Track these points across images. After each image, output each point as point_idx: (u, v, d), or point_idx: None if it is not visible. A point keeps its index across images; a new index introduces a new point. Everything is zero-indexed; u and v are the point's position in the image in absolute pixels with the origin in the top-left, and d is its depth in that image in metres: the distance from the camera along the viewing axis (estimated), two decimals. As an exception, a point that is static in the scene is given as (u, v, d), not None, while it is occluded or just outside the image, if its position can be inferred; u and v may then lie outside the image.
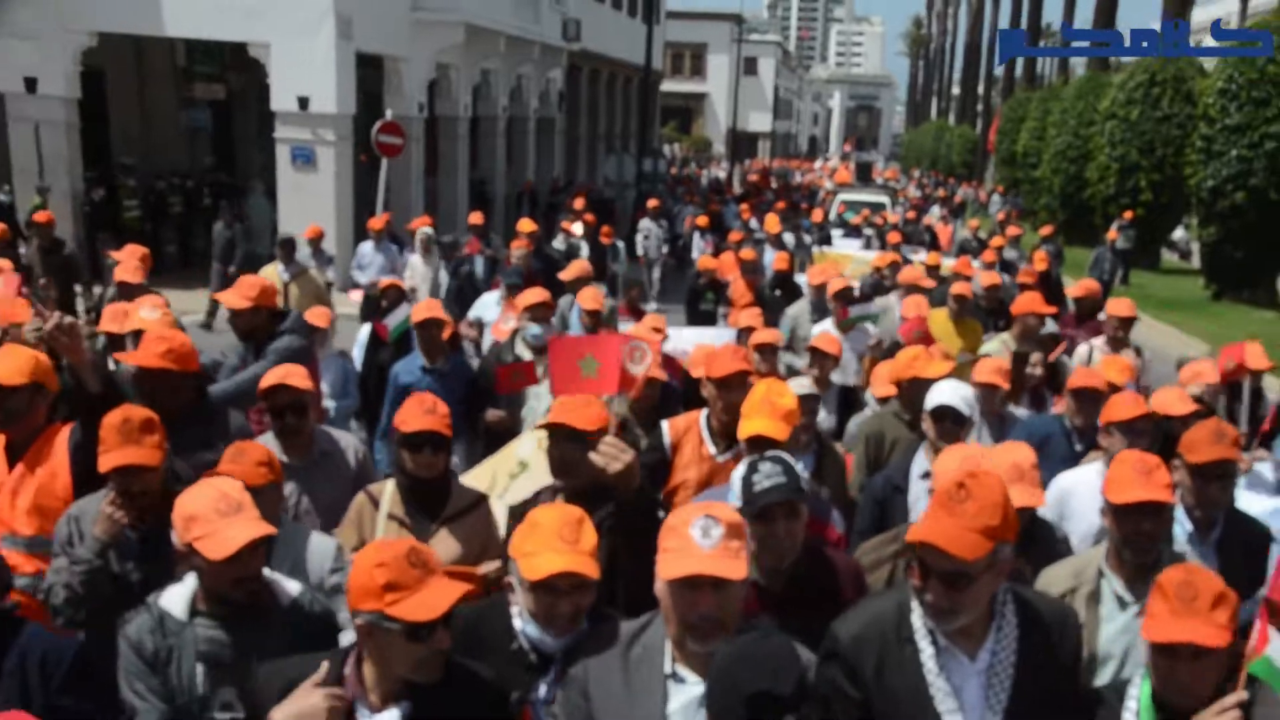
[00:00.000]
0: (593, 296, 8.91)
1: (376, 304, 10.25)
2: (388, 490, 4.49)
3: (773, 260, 13.76)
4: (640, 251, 20.33)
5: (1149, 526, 3.66)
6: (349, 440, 5.31)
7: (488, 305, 10.22)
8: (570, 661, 3.13)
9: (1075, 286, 10.92)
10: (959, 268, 12.48)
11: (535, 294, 7.82)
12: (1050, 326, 8.76)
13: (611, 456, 3.88)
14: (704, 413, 5.16)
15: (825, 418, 6.88)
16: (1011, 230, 20.21)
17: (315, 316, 8.00)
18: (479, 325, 9.72)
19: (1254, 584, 2.93)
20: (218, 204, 23.18)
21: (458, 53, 24.27)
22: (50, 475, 4.50)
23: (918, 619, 3.00)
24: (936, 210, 34.00)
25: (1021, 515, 3.96)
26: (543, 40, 29.60)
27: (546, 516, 3.22)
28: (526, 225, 13.70)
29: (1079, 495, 4.75)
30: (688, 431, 5.12)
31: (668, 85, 62.55)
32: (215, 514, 3.22)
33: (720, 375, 5.02)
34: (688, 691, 2.92)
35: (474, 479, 5.18)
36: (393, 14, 21.77)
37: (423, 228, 14.00)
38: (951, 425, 5.10)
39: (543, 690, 3.15)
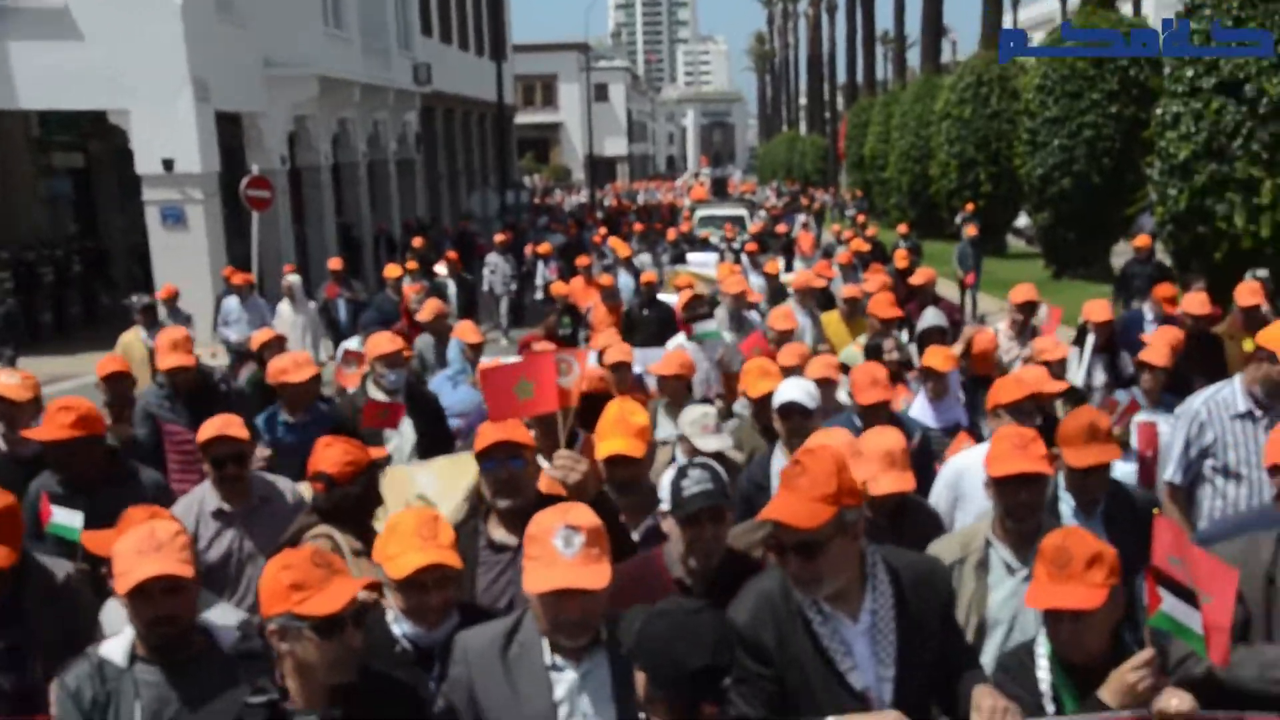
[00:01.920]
0: (471, 329, 9.07)
1: (247, 358, 10.01)
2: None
3: (632, 282, 13.90)
4: (486, 286, 20.41)
5: (1026, 496, 3.82)
6: (285, 484, 5.27)
7: (347, 348, 9.87)
8: (449, 654, 3.25)
9: (916, 274, 11.61)
10: (819, 270, 12.82)
11: (386, 341, 7.56)
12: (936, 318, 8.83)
13: (568, 468, 4.05)
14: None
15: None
16: (870, 231, 21.37)
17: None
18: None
19: (1146, 553, 3.05)
20: (88, 271, 23.31)
21: (314, 105, 24.75)
22: None
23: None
24: (800, 218, 34.94)
25: (890, 499, 4.33)
26: (395, 86, 30.27)
27: (404, 519, 3.37)
28: (393, 270, 13.97)
29: (970, 477, 4.78)
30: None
31: (522, 117, 63.13)
32: (134, 552, 3.19)
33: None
34: (568, 678, 3.07)
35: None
36: (247, 72, 22.19)
37: (288, 276, 14.16)
38: (799, 419, 5.30)
39: (433, 685, 3.28)
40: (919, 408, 6.65)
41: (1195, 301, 8.49)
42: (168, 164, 19.88)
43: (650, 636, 2.71)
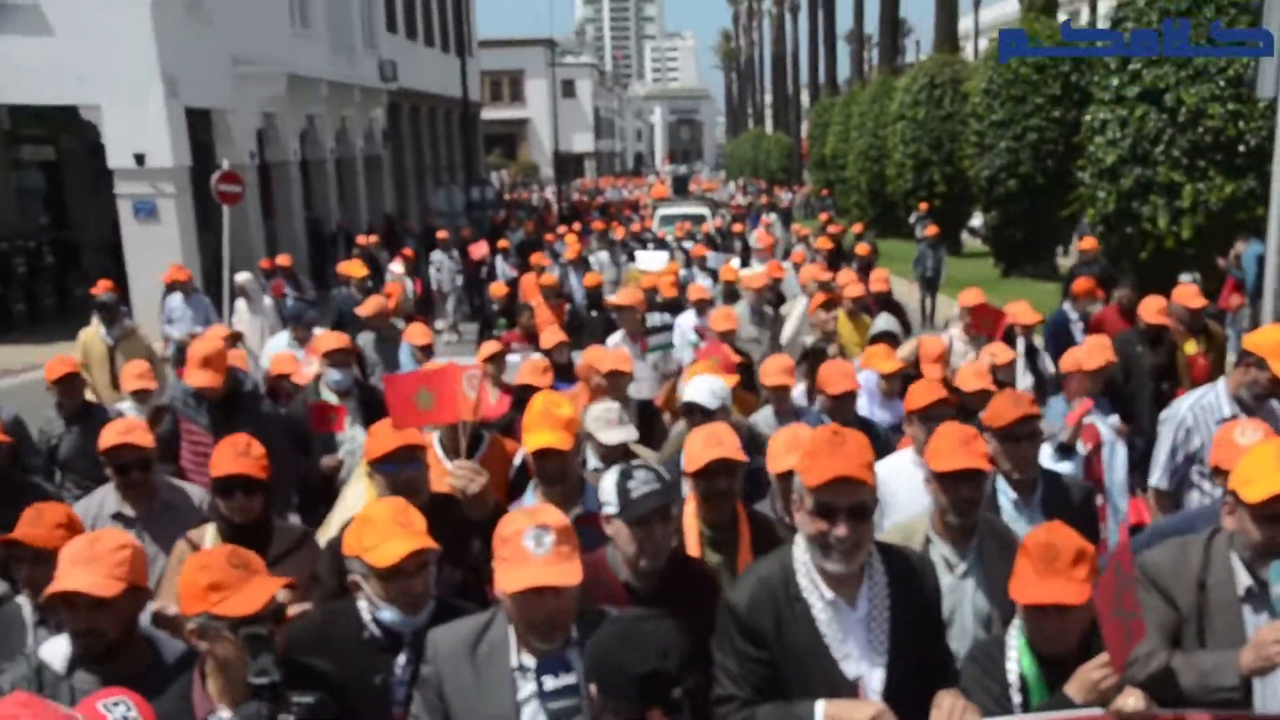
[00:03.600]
0: (421, 331, 9.14)
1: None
2: (208, 535, 4.43)
3: (580, 282, 14.10)
4: (434, 285, 20.38)
5: (968, 492, 3.88)
6: (194, 490, 5.23)
7: (278, 346, 10.04)
8: (421, 638, 3.28)
9: (871, 277, 11.47)
10: (770, 270, 12.55)
11: (333, 339, 7.58)
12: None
13: (467, 479, 4.13)
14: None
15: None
16: (832, 229, 21.98)
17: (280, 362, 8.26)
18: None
19: (1086, 537, 3.17)
20: (60, 263, 23.74)
21: (282, 102, 25.30)
22: None
23: (803, 577, 3.18)
24: (765, 218, 34.69)
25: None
26: (361, 83, 30.86)
27: (376, 510, 3.42)
28: (357, 269, 13.92)
29: (893, 482, 4.83)
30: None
31: (489, 113, 62.99)
32: (69, 560, 3.17)
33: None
34: (534, 681, 3.04)
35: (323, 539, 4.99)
36: (216, 69, 22.70)
37: (240, 275, 14.17)
38: (701, 418, 5.34)
39: (398, 670, 3.34)
40: (864, 407, 6.75)
41: (1188, 294, 8.27)
42: (139, 158, 20.40)
43: (597, 644, 2.71)
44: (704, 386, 5.57)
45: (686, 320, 10.34)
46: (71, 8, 19.63)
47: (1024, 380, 8.28)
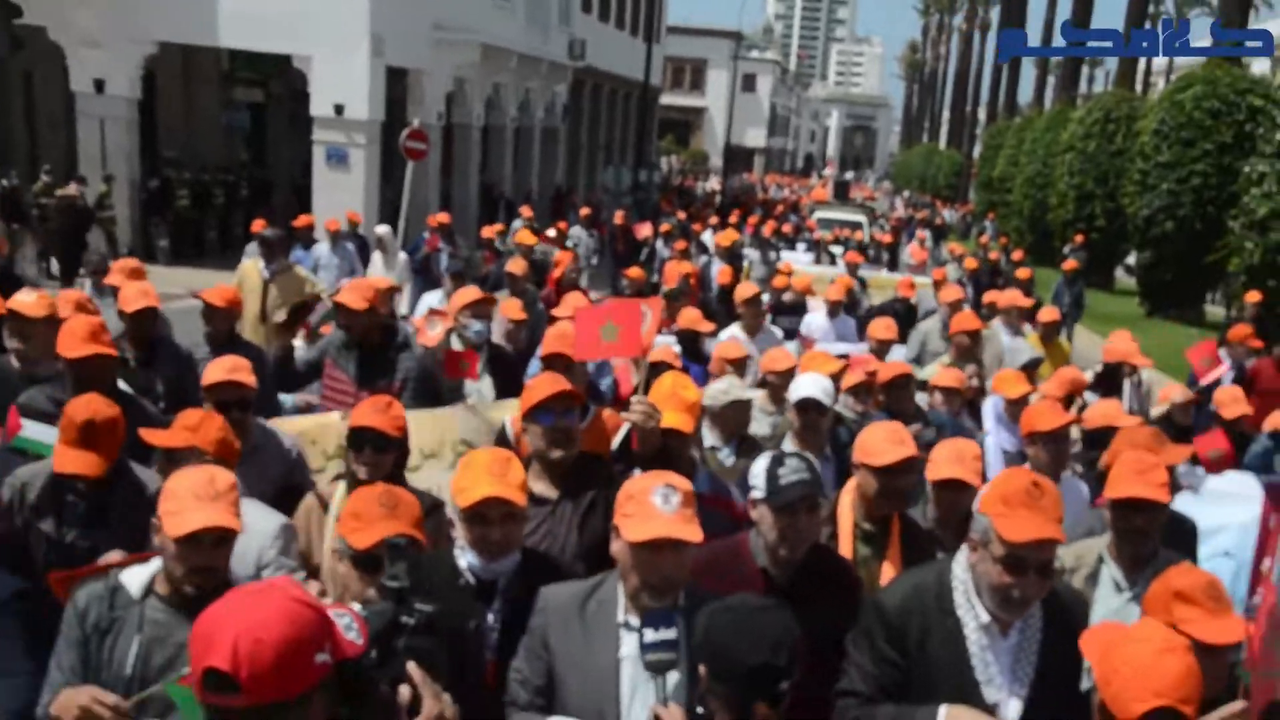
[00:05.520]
0: (515, 307, 8.63)
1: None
2: (339, 493, 4.36)
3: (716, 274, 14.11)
4: None
5: (1140, 522, 3.82)
6: (285, 437, 5.22)
7: (432, 302, 9.90)
8: (512, 590, 3.41)
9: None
10: (900, 286, 13.39)
11: (473, 292, 7.50)
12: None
13: (647, 414, 4.21)
14: None
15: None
16: (992, 255, 22.06)
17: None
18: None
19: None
20: (253, 197, 25.63)
21: (473, 68, 26.75)
22: None
23: (960, 595, 3.19)
24: (922, 232, 34.72)
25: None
26: (550, 58, 32.26)
27: (479, 456, 3.49)
28: (527, 237, 14.00)
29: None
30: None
31: (667, 98, 63.75)
32: (191, 495, 3.11)
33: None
34: (636, 635, 3.03)
35: (416, 421, 4.99)
36: (418, 32, 24.18)
37: (380, 227, 14.27)
38: (815, 415, 5.51)
39: (490, 617, 3.42)
40: (992, 429, 6.93)
41: None
42: (338, 108, 21.98)
43: (713, 629, 2.70)
44: (816, 384, 5.66)
45: (815, 321, 10.80)
46: (297, -36, 21.30)
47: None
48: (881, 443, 4.09)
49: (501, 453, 3.52)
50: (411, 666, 2.29)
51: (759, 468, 3.58)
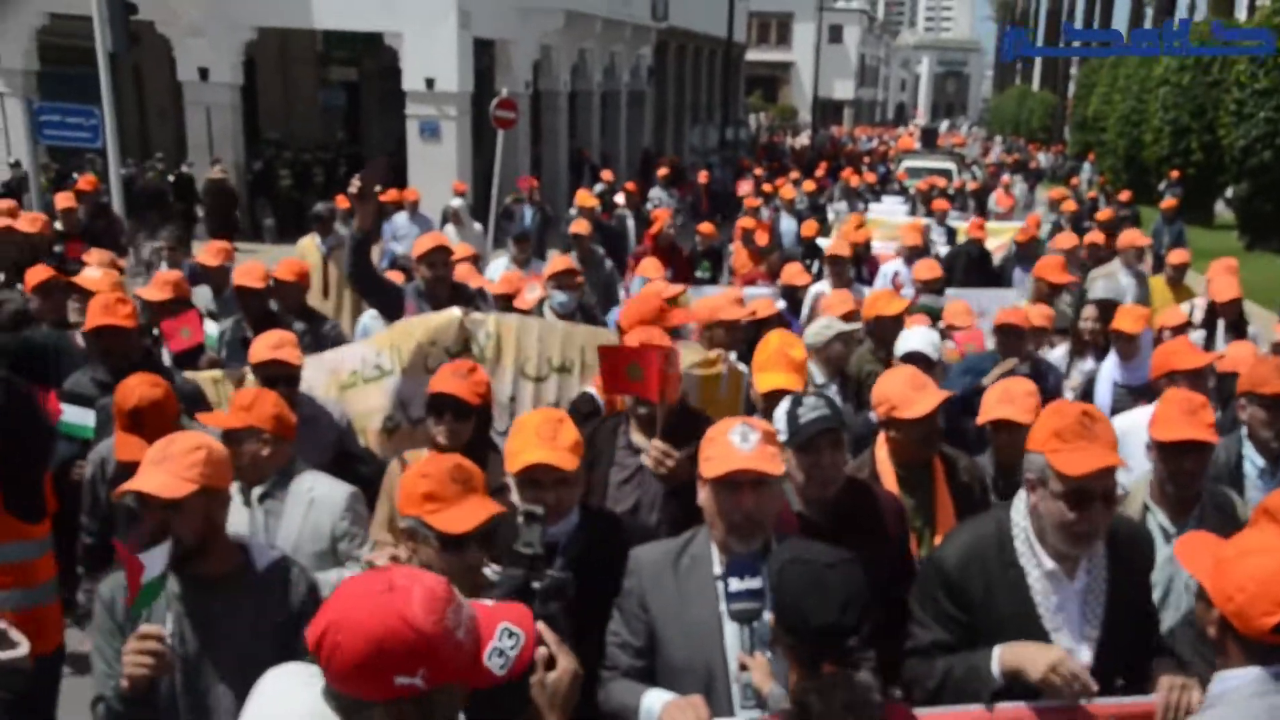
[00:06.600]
0: (654, 266, 9.07)
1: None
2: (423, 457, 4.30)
3: (798, 228, 14.34)
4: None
5: (1190, 465, 3.73)
6: (333, 406, 5.30)
7: (500, 267, 9.99)
8: (572, 549, 3.39)
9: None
10: (970, 229, 12.91)
11: (561, 262, 7.56)
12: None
13: (659, 460, 4.02)
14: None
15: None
16: (1090, 195, 21.45)
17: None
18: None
19: None
20: (351, 174, 26.39)
21: (558, 35, 27.19)
22: None
23: (1020, 543, 3.11)
24: (1007, 177, 33.79)
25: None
26: (634, 21, 32.51)
27: (531, 419, 3.50)
28: (586, 199, 13.82)
29: (1133, 438, 4.39)
30: None
31: (753, 55, 63.00)
32: (148, 460, 3.15)
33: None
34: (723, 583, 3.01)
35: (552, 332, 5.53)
36: (503, 3, 24.71)
37: (454, 200, 14.45)
38: (921, 369, 5.15)
39: (549, 577, 3.25)
40: (1110, 366, 6.73)
41: None
42: (429, 82, 22.61)
43: (784, 583, 2.64)
44: (925, 337, 5.74)
45: (890, 268, 11.04)
46: (383, -56, 21.92)
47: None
48: (905, 391, 4.12)
49: (553, 414, 3.54)
50: (542, 627, 2.32)
51: (780, 412, 3.56)
